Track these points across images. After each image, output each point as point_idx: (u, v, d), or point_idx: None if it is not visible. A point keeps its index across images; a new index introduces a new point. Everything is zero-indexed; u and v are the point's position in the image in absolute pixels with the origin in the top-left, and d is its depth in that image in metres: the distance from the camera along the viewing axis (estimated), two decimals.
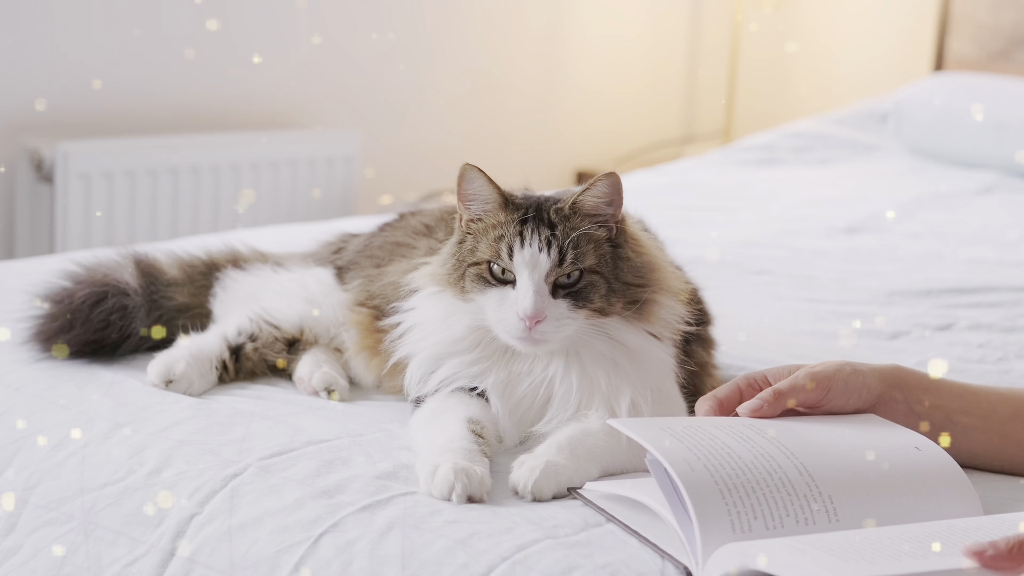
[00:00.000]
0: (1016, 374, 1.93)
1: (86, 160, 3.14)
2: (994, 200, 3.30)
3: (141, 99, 3.34)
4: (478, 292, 1.43)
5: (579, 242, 1.41)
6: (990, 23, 3.95)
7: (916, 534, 1.13)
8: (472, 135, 4.11)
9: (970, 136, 3.58)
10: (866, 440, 1.30)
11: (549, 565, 1.17)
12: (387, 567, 1.21)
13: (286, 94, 3.65)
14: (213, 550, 1.30)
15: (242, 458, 1.39)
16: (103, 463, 1.44)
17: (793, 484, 1.20)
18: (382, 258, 1.69)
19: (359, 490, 1.31)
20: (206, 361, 1.60)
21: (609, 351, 1.43)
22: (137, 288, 1.69)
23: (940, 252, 2.70)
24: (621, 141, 4.55)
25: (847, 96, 4.36)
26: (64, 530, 1.40)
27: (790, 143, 3.83)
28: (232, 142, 3.44)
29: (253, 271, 1.77)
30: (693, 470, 1.18)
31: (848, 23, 4.49)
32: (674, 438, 1.24)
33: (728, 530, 1.15)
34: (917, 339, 2.09)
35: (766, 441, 1.25)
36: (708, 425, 1.29)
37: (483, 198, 1.45)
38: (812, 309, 2.25)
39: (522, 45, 4.23)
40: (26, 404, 1.57)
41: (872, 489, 1.23)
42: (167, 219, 3.32)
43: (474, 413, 1.41)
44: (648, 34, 4.59)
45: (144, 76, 3.33)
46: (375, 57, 3.81)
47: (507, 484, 1.33)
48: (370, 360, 1.62)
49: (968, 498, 1.26)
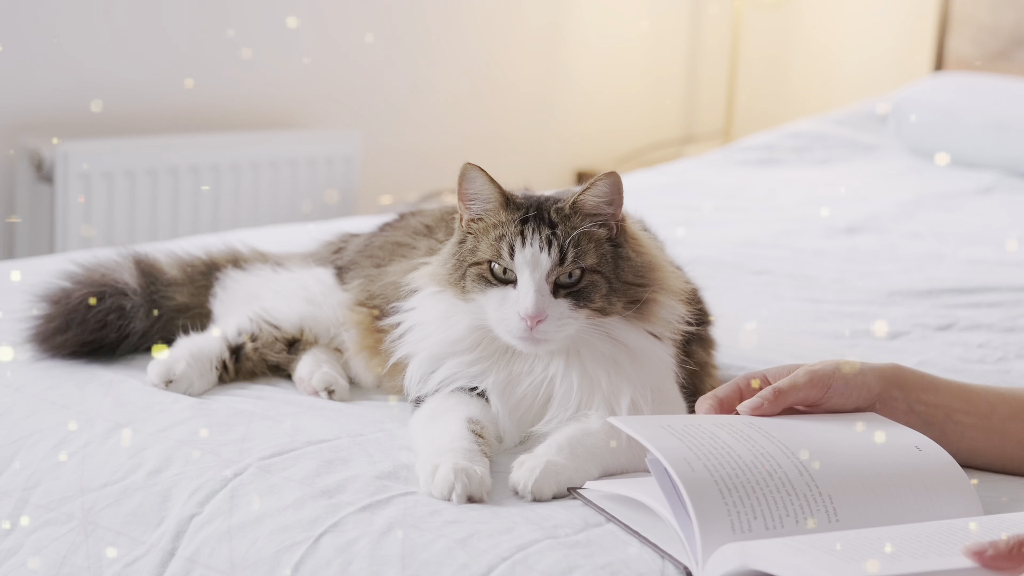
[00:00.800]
0: (1016, 374, 1.93)
1: (86, 160, 3.14)
2: (994, 200, 3.30)
3: (141, 99, 3.34)
4: (479, 292, 1.43)
5: (580, 241, 1.41)
6: (990, 23, 3.95)
7: (916, 534, 1.13)
8: (472, 135, 4.11)
9: (970, 136, 3.58)
10: (866, 439, 1.30)
11: (549, 565, 1.17)
12: (387, 567, 1.21)
13: (286, 94, 3.65)
14: (213, 550, 1.30)
15: (242, 458, 1.39)
16: (103, 463, 1.44)
17: (793, 484, 1.20)
18: (382, 258, 1.69)
19: (359, 490, 1.31)
20: (206, 361, 1.60)
21: (609, 351, 1.43)
22: (136, 288, 1.69)
23: (940, 252, 2.70)
24: (621, 141, 4.55)
25: (847, 96, 4.36)
26: (64, 530, 1.40)
27: (790, 143, 3.83)
28: (232, 142, 3.44)
29: (253, 271, 1.77)
30: (693, 470, 1.18)
31: (848, 23, 4.49)
32: (674, 436, 1.24)
33: (728, 530, 1.15)
34: (917, 339, 2.09)
35: (766, 440, 1.25)
36: (708, 423, 1.29)
37: (484, 197, 1.45)
38: (812, 309, 2.25)
39: (522, 45, 4.23)
40: (26, 404, 1.57)
41: (872, 488, 1.23)
42: (167, 219, 3.32)
43: (474, 413, 1.41)
44: (648, 34, 4.59)
45: (144, 76, 3.33)
46: (375, 57, 3.81)
47: (507, 484, 1.33)
48: (370, 360, 1.62)
49: (968, 498, 1.26)
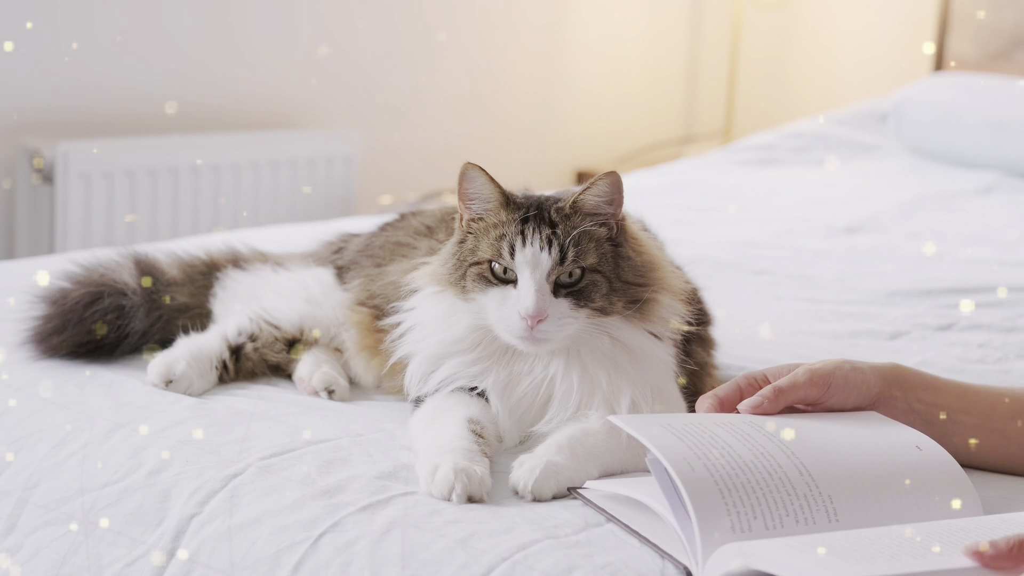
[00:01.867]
0: (1016, 374, 1.93)
1: (86, 160, 3.14)
2: (994, 200, 3.30)
3: (141, 99, 3.34)
4: (479, 292, 1.43)
5: (580, 241, 1.41)
6: (990, 23, 3.95)
7: (916, 534, 1.13)
8: (472, 135, 4.11)
9: (970, 136, 3.58)
10: (866, 438, 1.30)
11: (549, 565, 1.17)
12: (387, 567, 1.21)
13: (286, 94, 3.65)
14: (213, 550, 1.30)
15: (242, 458, 1.39)
16: (103, 463, 1.44)
17: (793, 484, 1.20)
18: (383, 258, 1.69)
19: (359, 490, 1.31)
20: (206, 361, 1.60)
21: (610, 350, 1.43)
22: (136, 288, 1.69)
23: (940, 252, 2.70)
24: (621, 141, 4.56)
25: (847, 96, 4.36)
26: (64, 530, 1.40)
27: (790, 143, 3.83)
28: (232, 142, 3.44)
29: (253, 271, 1.77)
30: (693, 469, 1.18)
31: (848, 23, 4.49)
32: (674, 435, 1.24)
33: (728, 530, 1.15)
34: (917, 339, 2.09)
35: (766, 439, 1.25)
36: (709, 422, 1.29)
37: (484, 197, 1.44)
38: (812, 309, 2.25)
39: (522, 45, 4.23)
40: (26, 404, 1.57)
41: (872, 488, 1.23)
42: (167, 219, 3.32)
43: (474, 413, 1.41)
44: (648, 34, 4.59)
45: (144, 76, 3.33)
46: (375, 57, 3.81)
47: (507, 484, 1.33)
48: (370, 360, 1.62)
49: (968, 498, 1.26)
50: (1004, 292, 2.34)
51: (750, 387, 1.39)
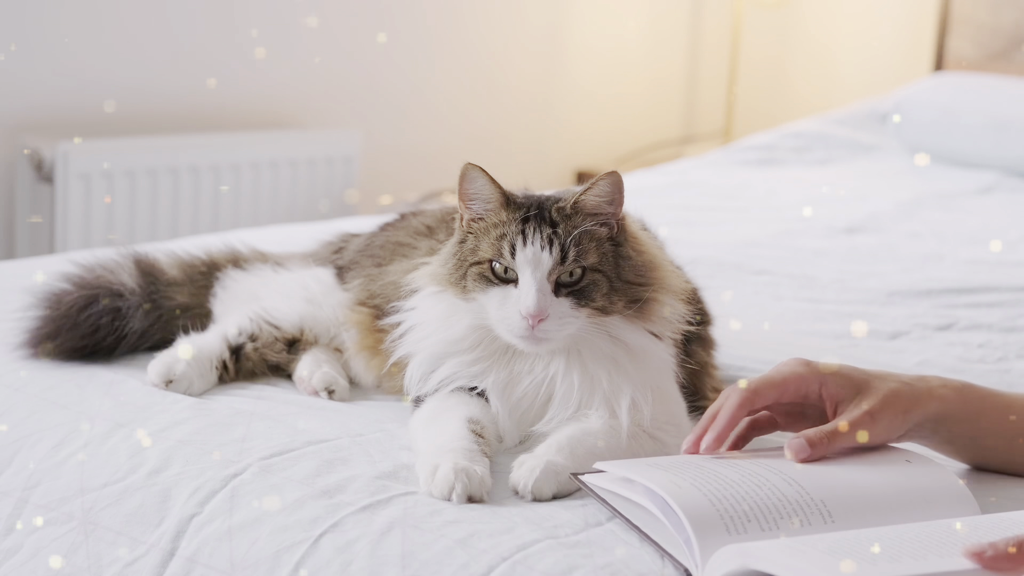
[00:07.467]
0: (1016, 374, 1.93)
1: (86, 160, 3.14)
2: (994, 200, 3.30)
3: (141, 99, 3.34)
4: (480, 291, 1.43)
5: (581, 240, 1.41)
6: (990, 23, 3.95)
7: (915, 534, 1.13)
8: (472, 135, 4.11)
9: (970, 136, 3.58)
10: (857, 459, 1.30)
11: (549, 565, 1.17)
12: (387, 567, 1.21)
13: (286, 94, 3.65)
14: (213, 550, 1.30)
15: (242, 458, 1.39)
16: (103, 463, 1.44)
17: (783, 491, 1.21)
18: (383, 258, 1.69)
19: (359, 490, 1.31)
20: (206, 361, 1.60)
21: (610, 350, 1.43)
22: (135, 288, 1.69)
23: (940, 252, 2.70)
24: (621, 141, 4.56)
25: (847, 96, 4.36)
26: (64, 530, 1.40)
27: (790, 143, 3.83)
28: (232, 142, 3.44)
29: (253, 271, 1.77)
30: (680, 487, 1.20)
31: (848, 23, 4.49)
32: (660, 469, 1.25)
33: (723, 532, 1.15)
34: (917, 339, 2.09)
35: (750, 462, 1.26)
36: (696, 459, 1.30)
37: (484, 197, 1.45)
38: (812, 309, 2.25)
39: (522, 45, 4.23)
40: (26, 404, 1.57)
41: (864, 492, 1.24)
42: (167, 219, 3.32)
43: (474, 413, 1.41)
44: (648, 34, 4.59)
45: (144, 76, 3.33)
46: (375, 57, 3.81)
47: (507, 484, 1.33)
48: (370, 360, 1.62)
49: (965, 504, 1.26)
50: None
51: (744, 409, 1.35)
